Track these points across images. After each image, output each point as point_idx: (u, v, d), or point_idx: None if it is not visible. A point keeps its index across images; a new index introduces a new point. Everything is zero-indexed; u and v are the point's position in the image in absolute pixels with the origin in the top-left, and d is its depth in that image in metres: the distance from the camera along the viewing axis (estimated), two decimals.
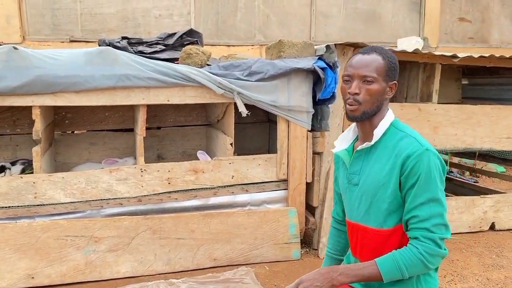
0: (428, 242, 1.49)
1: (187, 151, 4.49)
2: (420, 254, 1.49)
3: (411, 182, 1.52)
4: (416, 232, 1.51)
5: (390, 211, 1.59)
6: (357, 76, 1.60)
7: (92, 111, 4.12)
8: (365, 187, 1.64)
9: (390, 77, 1.62)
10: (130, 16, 6.42)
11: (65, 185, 3.23)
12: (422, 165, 1.51)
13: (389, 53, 1.64)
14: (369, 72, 1.58)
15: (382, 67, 1.59)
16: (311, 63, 3.51)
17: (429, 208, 1.51)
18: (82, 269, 3.13)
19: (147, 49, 3.69)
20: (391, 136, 1.62)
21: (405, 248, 1.52)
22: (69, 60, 3.16)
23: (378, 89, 1.59)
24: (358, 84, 1.59)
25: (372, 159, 1.64)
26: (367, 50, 1.65)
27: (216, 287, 3.03)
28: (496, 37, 7.90)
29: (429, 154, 1.53)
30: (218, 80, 3.34)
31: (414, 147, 1.54)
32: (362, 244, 1.70)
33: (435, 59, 3.93)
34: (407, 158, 1.52)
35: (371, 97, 1.59)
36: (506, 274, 3.33)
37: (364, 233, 1.67)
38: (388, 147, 1.60)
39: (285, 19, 7.05)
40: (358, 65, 1.60)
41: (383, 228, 1.61)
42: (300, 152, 3.67)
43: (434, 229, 1.50)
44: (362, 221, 1.67)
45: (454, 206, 4.16)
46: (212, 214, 3.42)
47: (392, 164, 1.56)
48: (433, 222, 1.50)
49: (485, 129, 4.19)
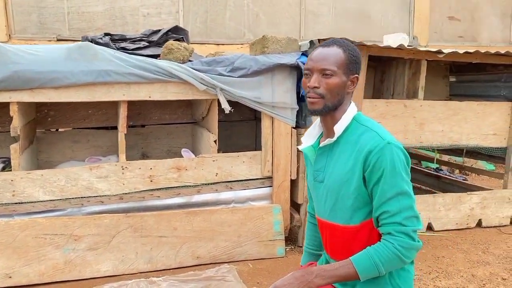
0: (402, 236, 1.46)
1: (173, 149, 4.44)
2: (395, 248, 1.46)
3: (376, 177, 1.48)
4: (389, 227, 1.49)
5: (355, 208, 1.55)
6: (316, 70, 1.56)
7: (75, 109, 4.07)
8: (329, 184, 1.61)
9: (351, 71, 1.58)
10: (118, 15, 6.37)
11: (44, 182, 3.17)
12: (385, 159, 1.47)
13: (351, 46, 1.60)
14: (328, 65, 1.54)
15: (343, 60, 1.55)
16: (295, 58, 3.48)
17: (398, 202, 1.47)
18: (61, 268, 3.08)
19: (131, 45, 3.65)
20: (353, 131, 1.59)
21: (379, 244, 1.49)
22: (47, 56, 3.11)
23: (337, 82, 1.55)
24: (318, 77, 1.56)
25: (335, 155, 1.61)
26: (328, 42, 1.60)
27: (198, 285, 2.99)
28: (486, 35, 7.91)
29: (391, 147, 1.49)
30: (200, 76, 3.30)
31: (375, 141, 1.50)
32: (331, 241, 1.67)
33: (421, 55, 3.91)
34: (369, 153, 1.49)
35: (331, 90, 1.55)
36: (491, 271, 3.31)
37: (332, 230, 1.64)
38: (350, 142, 1.57)
39: (274, 17, 7.03)
40: (317, 58, 1.57)
41: (350, 224, 1.58)
42: (284, 149, 3.64)
43: (406, 222, 1.47)
44: (329, 218, 1.64)
45: (441, 203, 4.14)
46: (195, 212, 3.38)
47: (354, 159, 1.53)
48: (404, 215, 1.47)
49: (472, 126, 4.17)
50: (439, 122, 4.07)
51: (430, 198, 4.13)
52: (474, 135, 4.20)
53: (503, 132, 4.27)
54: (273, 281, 2.89)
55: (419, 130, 4.01)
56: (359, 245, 1.56)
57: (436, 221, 4.11)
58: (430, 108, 4.03)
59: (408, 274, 1.64)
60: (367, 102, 3.84)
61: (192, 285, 2.97)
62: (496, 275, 3.24)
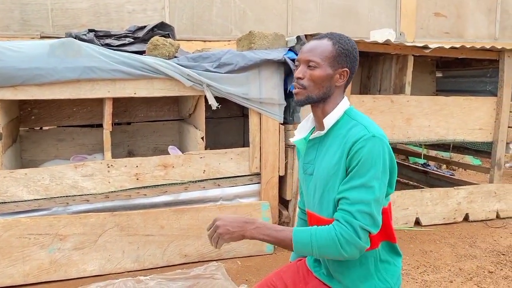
0: (347, 226, 1.41)
1: (159, 147, 4.40)
2: (336, 235, 1.41)
3: (352, 165, 1.46)
4: (339, 213, 1.45)
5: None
6: (302, 61, 1.57)
7: (59, 106, 4.01)
8: (318, 177, 1.59)
9: (339, 64, 1.55)
10: (103, 11, 6.29)
11: (28, 181, 3.11)
12: (365, 150, 1.44)
13: (344, 39, 1.57)
14: (312, 57, 1.53)
15: (329, 52, 1.53)
16: (282, 54, 3.46)
17: (359, 193, 1.43)
18: (46, 268, 3.03)
19: (115, 41, 3.60)
20: (343, 125, 1.57)
21: (325, 227, 1.47)
22: (30, 52, 3.05)
23: (320, 74, 1.53)
24: (303, 68, 1.56)
25: (325, 148, 1.59)
26: (321, 36, 1.60)
27: (186, 283, 2.96)
28: (471, 32, 7.98)
29: (375, 140, 1.45)
30: (186, 72, 3.26)
31: (361, 133, 1.47)
32: None
33: (407, 50, 3.92)
34: (353, 144, 1.47)
35: (314, 82, 1.53)
36: (478, 264, 3.34)
37: (320, 223, 1.62)
38: (339, 136, 1.55)
39: (261, 14, 7.00)
40: (306, 50, 1.57)
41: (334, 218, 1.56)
42: (272, 145, 3.62)
43: (357, 215, 1.42)
44: (317, 211, 1.62)
45: (429, 198, 4.16)
46: (182, 210, 3.34)
47: (341, 152, 1.50)
48: (358, 208, 1.42)
49: (458, 121, 4.20)
50: (426, 118, 4.09)
51: (418, 193, 4.15)
52: (461, 130, 4.22)
53: (489, 127, 4.31)
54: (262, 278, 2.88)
55: (406, 126, 4.02)
56: None
57: (424, 216, 4.14)
58: (417, 103, 4.05)
59: (395, 268, 1.63)
60: (354, 98, 3.84)
61: (180, 284, 2.94)
62: (483, 268, 3.27)
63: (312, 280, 1.71)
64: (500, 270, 3.24)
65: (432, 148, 5.68)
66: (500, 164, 4.39)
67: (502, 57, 4.22)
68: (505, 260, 3.42)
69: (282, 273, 1.78)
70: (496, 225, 4.21)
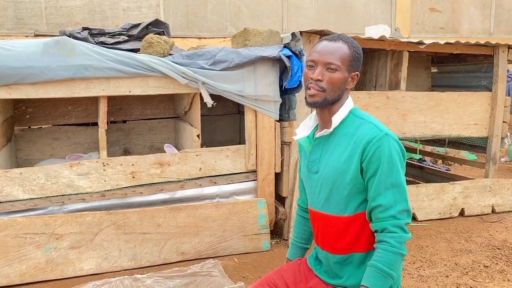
0: (397, 230, 1.48)
1: (155, 145, 4.39)
2: (395, 247, 1.47)
3: (374, 167, 1.50)
4: (385, 222, 1.49)
5: (350, 198, 1.57)
6: (321, 63, 1.56)
7: (54, 105, 3.99)
8: (324, 175, 1.61)
9: (353, 68, 1.59)
10: (97, 9, 6.26)
11: (23, 181, 3.10)
12: (383, 149, 1.49)
13: (355, 43, 1.61)
14: (334, 60, 1.55)
15: (347, 56, 1.56)
16: (277, 51, 3.45)
17: (393, 194, 1.49)
18: (43, 267, 3.02)
19: (110, 39, 3.58)
20: (349, 123, 1.61)
21: (380, 251, 1.49)
22: (23, 51, 3.03)
23: (340, 77, 1.56)
24: (322, 70, 1.56)
25: (331, 146, 1.62)
26: (333, 37, 1.61)
27: (183, 281, 2.96)
28: (466, 27, 7.99)
29: (389, 139, 1.52)
30: (181, 70, 3.26)
31: (373, 132, 1.52)
32: (324, 231, 1.67)
33: (402, 46, 3.92)
34: (367, 143, 1.51)
35: (333, 85, 1.56)
36: (474, 259, 3.35)
37: (325, 220, 1.65)
38: (346, 134, 1.58)
39: (257, 10, 6.98)
40: (324, 51, 1.57)
41: (344, 214, 1.58)
42: (268, 143, 3.62)
43: (400, 215, 1.49)
44: (323, 209, 1.64)
45: (425, 193, 4.18)
46: (179, 207, 3.34)
47: (351, 150, 1.54)
48: (398, 208, 1.49)
49: (453, 116, 4.21)
50: (421, 113, 4.10)
51: (414, 189, 4.17)
52: (456, 126, 4.24)
53: (484, 122, 4.33)
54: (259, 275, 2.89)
55: (402, 121, 4.03)
56: (352, 236, 1.58)
57: (420, 211, 4.15)
58: (412, 99, 4.05)
59: None
60: (350, 94, 3.84)
61: (177, 281, 2.94)
62: (479, 262, 3.29)
63: (313, 279, 1.72)
64: (496, 264, 3.26)
65: (427, 143, 5.69)
66: (495, 159, 4.41)
67: (497, 52, 4.24)
68: (501, 254, 3.44)
69: (282, 272, 1.79)
70: (492, 219, 4.24)
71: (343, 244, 1.60)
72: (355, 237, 1.57)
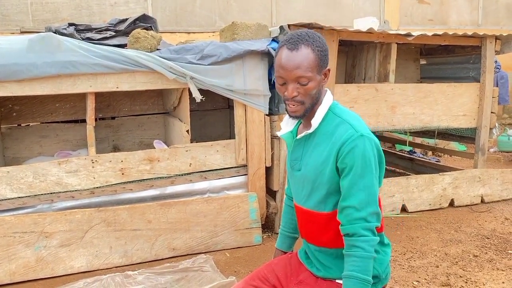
0: (369, 233, 1.47)
1: (145, 141, 4.37)
2: (369, 252, 1.47)
3: (347, 168, 1.49)
4: (355, 225, 1.48)
5: (328, 196, 1.57)
6: (291, 79, 1.50)
7: (41, 103, 3.94)
8: (305, 173, 1.61)
9: (322, 67, 1.54)
10: (84, 5, 6.19)
11: (11, 179, 3.07)
12: (357, 150, 1.48)
13: (316, 38, 1.54)
14: (303, 72, 1.48)
15: (314, 61, 1.50)
16: (265, 45, 3.44)
17: (365, 196, 1.48)
18: (33, 266, 3.00)
19: (96, 35, 3.54)
20: (328, 122, 1.59)
21: (354, 258, 1.47)
22: (8, 48, 2.99)
23: (314, 85, 1.52)
24: (294, 86, 1.51)
25: (311, 146, 1.62)
26: (293, 44, 1.50)
27: (175, 276, 2.96)
28: (455, 18, 8.03)
29: (364, 140, 1.49)
30: (169, 65, 3.23)
31: (349, 133, 1.50)
32: (306, 226, 1.69)
33: (390, 38, 3.92)
34: (342, 144, 1.50)
35: (310, 95, 1.53)
36: (463, 248, 3.38)
37: (307, 216, 1.66)
38: (326, 134, 1.58)
39: (245, 4, 6.95)
40: (290, 66, 1.49)
41: (324, 211, 1.60)
42: (258, 137, 3.61)
43: (370, 218, 1.48)
44: (305, 205, 1.66)
45: (414, 185, 4.20)
46: (169, 203, 3.33)
47: (329, 151, 1.54)
48: (368, 211, 1.48)
49: (442, 107, 4.23)
50: (411, 105, 4.11)
51: (404, 180, 4.19)
52: (445, 117, 4.26)
53: (472, 113, 4.35)
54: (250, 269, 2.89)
55: (391, 114, 4.04)
56: (334, 231, 1.59)
57: (410, 202, 4.18)
58: (401, 91, 4.07)
59: (385, 256, 1.66)
60: (339, 87, 3.85)
61: (168, 277, 2.94)
62: (468, 252, 3.32)
63: (303, 272, 1.73)
64: (485, 254, 3.29)
65: (417, 135, 5.72)
66: (484, 150, 4.45)
67: (484, 43, 4.26)
68: (490, 243, 3.47)
69: (273, 265, 1.79)
70: (481, 209, 4.28)
71: (326, 239, 1.61)
72: (337, 232, 1.57)
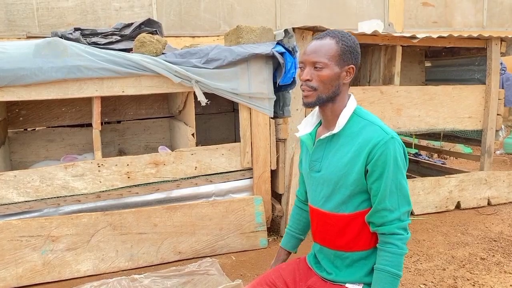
0: (403, 232, 1.52)
1: (150, 145, 4.38)
2: (401, 249, 1.51)
3: (379, 171, 1.51)
4: (392, 226, 1.52)
5: (352, 197, 1.57)
6: (308, 63, 1.57)
7: (47, 107, 3.97)
8: (327, 175, 1.61)
9: (344, 61, 1.56)
10: (89, 10, 6.23)
11: (18, 183, 3.09)
12: (389, 153, 1.50)
13: (346, 36, 1.58)
14: (318, 58, 1.54)
15: (334, 51, 1.54)
16: (270, 48, 3.45)
17: (398, 197, 1.52)
18: (39, 270, 3.01)
19: (102, 40, 3.57)
20: (354, 124, 1.59)
21: (387, 253, 1.52)
22: (15, 53, 3.01)
23: (329, 74, 1.54)
24: (310, 70, 1.56)
25: (335, 147, 1.61)
26: (322, 35, 1.59)
27: (181, 280, 2.96)
28: (459, 20, 8.01)
29: (395, 142, 1.52)
30: (174, 69, 3.24)
31: (379, 135, 1.52)
32: (323, 229, 1.67)
33: (395, 41, 3.92)
34: (373, 146, 1.51)
35: (323, 82, 1.55)
36: (470, 251, 3.37)
37: (325, 218, 1.65)
38: (351, 136, 1.58)
39: (249, 8, 6.97)
40: (310, 51, 1.57)
41: (345, 213, 1.59)
42: (263, 140, 3.62)
43: (404, 217, 1.53)
44: (323, 207, 1.65)
45: (421, 187, 4.19)
46: (175, 207, 3.34)
47: (356, 152, 1.54)
48: (402, 210, 1.53)
49: (448, 109, 4.22)
50: (416, 107, 4.10)
51: (410, 183, 4.17)
52: (450, 119, 4.25)
53: (478, 115, 4.34)
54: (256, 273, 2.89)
55: (396, 116, 4.04)
56: (352, 234, 1.59)
57: (416, 205, 4.16)
58: (406, 93, 4.06)
59: None
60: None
61: (174, 281, 2.94)
62: (475, 255, 3.30)
63: (312, 277, 1.72)
64: (492, 257, 3.27)
65: (422, 137, 5.71)
66: (490, 152, 4.43)
67: (490, 45, 4.24)
68: (497, 246, 3.45)
69: (281, 271, 1.78)
70: (488, 212, 4.25)
71: (343, 242, 1.61)
72: (355, 235, 1.58)
